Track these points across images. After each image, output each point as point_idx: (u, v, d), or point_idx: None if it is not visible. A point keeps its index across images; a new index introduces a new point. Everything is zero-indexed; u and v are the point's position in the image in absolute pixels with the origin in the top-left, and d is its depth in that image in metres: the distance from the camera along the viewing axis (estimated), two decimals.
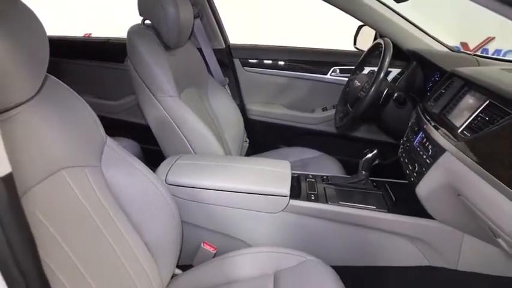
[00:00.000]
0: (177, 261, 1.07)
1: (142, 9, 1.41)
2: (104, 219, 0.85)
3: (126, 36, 1.40)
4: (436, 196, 1.05)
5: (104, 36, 2.18)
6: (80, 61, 2.16)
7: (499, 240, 0.85)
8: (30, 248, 0.43)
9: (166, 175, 1.20)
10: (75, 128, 0.86)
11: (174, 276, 1.08)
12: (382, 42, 1.44)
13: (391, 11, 1.63)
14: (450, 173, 0.96)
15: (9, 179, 0.42)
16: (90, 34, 3.15)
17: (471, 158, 0.86)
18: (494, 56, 1.68)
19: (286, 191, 1.16)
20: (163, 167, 1.25)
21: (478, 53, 1.75)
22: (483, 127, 0.89)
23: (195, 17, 1.69)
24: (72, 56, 2.13)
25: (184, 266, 1.14)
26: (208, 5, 1.81)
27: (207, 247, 1.22)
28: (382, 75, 1.34)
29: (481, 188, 0.82)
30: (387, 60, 1.35)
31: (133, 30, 1.39)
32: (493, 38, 3.65)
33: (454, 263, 1.15)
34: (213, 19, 1.87)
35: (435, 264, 1.17)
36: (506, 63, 1.42)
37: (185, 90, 1.50)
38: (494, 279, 1.15)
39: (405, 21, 1.65)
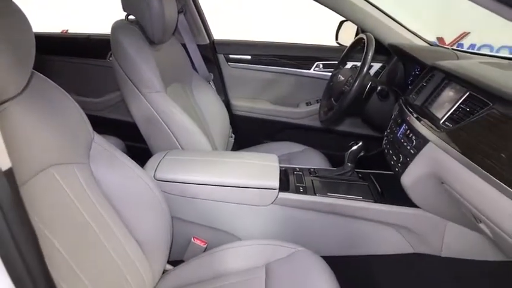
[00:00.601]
0: (168, 256, 1.07)
1: (126, 5, 1.39)
2: (94, 216, 0.84)
3: (107, 32, 1.38)
4: (421, 185, 1.09)
5: (83, 32, 2.14)
6: (61, 57, 2.12)
7: (481, 225, 0.89)
8: (34, 244, 0.43)
9: (155, 171, 1.20)
10: (63, 124, 0.85)
11: (165, 271, 1.08)
12: (365, 37, 1.47)
13: (372, 7, 1.67)
14: (434, 162, 1.00)
15: (10, 173, 0.42)
16: (67, 30, 3.08)
17: (453, 148, 0.90)
18: (471, 50, 1.74)
19: (275, 184, 1.18)
20: (151, 163, 1.25)
21: (454, 47, 1.80)
22: (464, 118, 0.93)
23: (178, 12, 1.68)
24: (53, 52, 2.09)
25: (175, 262, 1.14)
26: (191, 0, 1.80)
27: (198, 242, 1.22)
28: (365, 69, 1.37)
29: (463, 176, 0.86)
30: (370, 54, 1.38)
31: (117, 26, 1.37)
32: (468, 33, 3.76)
33: (438, 249, 1.20)
34: (197, 14, 1.87)
35: (420, 251, 1.21)
36: (484, 56, 1.47)
37: (170, 85, 1.49)
38: (476, 264, 1.20)
39: (386, 16, 1.69)
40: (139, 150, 1.55)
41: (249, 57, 2.07)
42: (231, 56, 2.06)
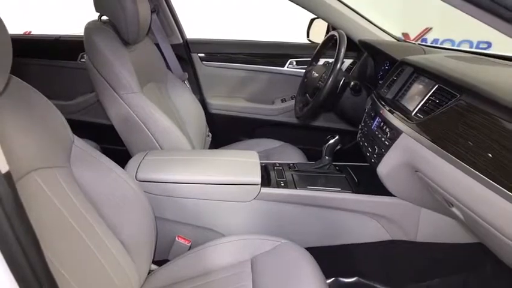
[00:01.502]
0: (153, 256, 1.07)
1: (99, 5, 1.37)
2: (78, 219, 0.84)
3: (76, 33, 1.36)
4: (396, 174, 1.14)
5: (51, 34, 2.08)
6: (28, 60, 2.05)
7: (454, 209, 0.95)
8: (36, 246, 0.44)
9: (136, 172, 1.20)
10: (43, 128, 0.84)
11: (150, 271, 1.08)
12: (337, 34, 1.51)
13: (342, 4, 1.72)
14: (407, 152, 1.05)
15: (9, 176, 0.43)
16: (30, 32, 2.99)
17: (425, 137, 0.95)
18: (436, 45, 1.82)
19: (257, 179, 1.20)
20: (132, 164, 1.24)
21: (419, 42, 1.88)
22: (434, 109, 0.99)
23: (151, 12, 1.67)
24: (20, 54, 2.01)
25: (160, 262, 1.15)
26: (164, 0, 1.80)
27: (182, 240, 1.23)
28: (338, 65, 1.42)
29: (435, 163, 0.91)
30: (342, 51, 1.42)
31: (90, 27, 1.35)
32: (431, 28, 3.92)
33: (413, 235, 1.26)
34: (169, 14, 1.86)
35: (396, 237, 1.27)
36: (449, 51, 1.55)
37: (146, 86, 1.48)
38: (449, 246, 1.27)
39: (355, 13, 1.75)
40: (115, 153, 1.53)
41: (223, 55, 2.08)
42: (205, 55, 2.07)
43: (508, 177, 0.71)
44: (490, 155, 0.76)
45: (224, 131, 2.14)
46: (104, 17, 1.41)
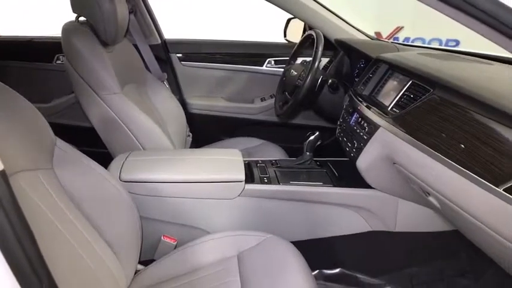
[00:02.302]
0: (139, 256, 1.07)
1: (76, 6, 1.36)
2: (64, 222, 0.83)
3: (51, 35, 1.34)
4: (375, 167, 1.19)
5: (24, 35, 2.04)
6: (1, 62, 2.00)
7: (430, 198, 1.00)
8: (34, 244, 0.44)
9: (120, 172, 1.20)
10: (24, 130, 0.83)
11: (137, 272, 1.08)
12: (314, 34, 1.55)
13: (318, 4, 1.76)
14: (385, 145, 1.10)
15: (4, 174, 0.43)
16: None
17: (401, 130, 1.00)
18: (409, 43, 1.89)
19: (241, 176, 1.22)
20: (114, 164, 1.24)
21: (391, 40, 1.95)
22: (409, 104, 1.04)
23: (129, 13, 1.66)
24: None
25: (146, 262, 1.15)
26: (141, 1, 1.79)
27: (167, 240, 1.23)
28: (316, 64, 1.46)
29: (412, 154, 0.96)
30: (320, 50, 1.47)
31: (68, 28, 1.34)
32: (402, 27, 4.04)
33: (392, 225, 1.31)
34: (147, 14, 1.86)
35: (376, 228, 1.32)
36: (420, 48, 1.62)
37: (125, 86, 1.48)
38: (426, 235, 1.33)
39: (331, 13, 1.79)
40: (93, 155, 1.52)
41: (201, 55, 2.09)
42: (183, 55, 2.07)
43: (480, 165, 0.76)
44: (463, 145, 0.81)
45: (204, 131, 2.14)
46: (82, 18, 1.40)
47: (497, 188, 0.71)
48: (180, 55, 2.06)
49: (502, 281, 1.25)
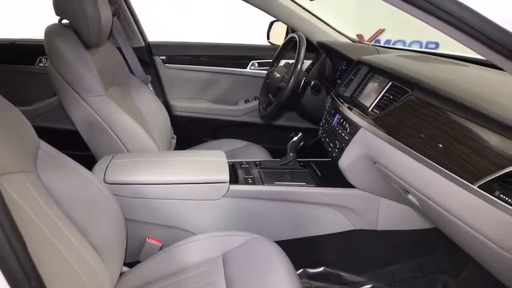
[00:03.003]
0: (124, 258, 1.07)
1: (59, 9, 1.35)
2: (48, 224, 0.83)
3: (33, 37, 1.33)
4: (356, 166, 1.22)
5: (6, 38, 2.00)
6: None
7: (410, 196, 1.03)
8: (24, 247, 0.45)
9: (104, 175, 1.19)
10: (7, 133, 0.83)
11: (122, 274, 1.08)
12: (296, 37, 1.58)
13: (300, 7, 1.79)
14: (366, 145, 1.13)
15: None
16: None
17: (382, 131, 1.03)
18: (389, 46, 1.94)
19: (226, 177, 1.23)
20: (99, 167, 1.23)
21: (372, 43, 2.00)
22: (389, 104, 1.07)
23: (112, 15, 1.65)
24: None
25: (131, 263, 1.14)
26: (124, 3, 1.79)
27: (153, 241, 1.23)
28: (299, 66, 1.49)
29: (392, 154, 0.99)
30: (302, 52, 1.50)
31: (52, 31, 1.33)
32: (384, 29, 4.12)
33: (374, 224, 1.34)
34: (131, 17, 1.85)
35: (359, 227, 1.35)
36: (400, 51, 1.66)
37: (109, 89, 1.47)
38: (407, 233, 1.37)
39: (313, 16, 1.83)
40: (76, 158, 1.51)
41: (185, 58, 2.09)
42: (167, 57, 2.07)
43: (457, 164, 0.79)
44: (441, 145, 0.84)
45: (189, 133, 2.14)
46: (65, 21, 1.39)
47: (472, 185, 0.74)
48: (163, 57, 2.07)
49: (480, 277, 1.29)
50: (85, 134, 1.41)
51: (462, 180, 0.77)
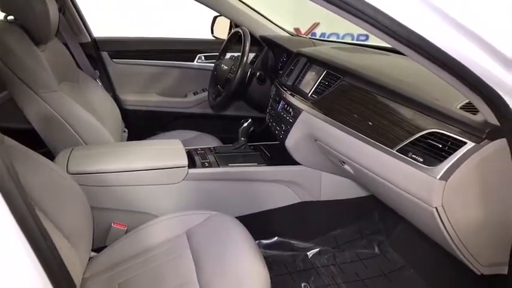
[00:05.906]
0: (92, 244, 1.11)
1: (5, 6, 1.35)
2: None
3: None
4: (300, 145, 1.39)
5: None
6: None
7: (345, 166, 1.22)
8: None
9: (67, 166, 1.23)
10: None
11: (90, 259, 1.11)
12: (241, 31, 1.70)
13: (242, 3, 1.91)
14: (308, 125, 1.29)
15: None
16: None
17: (320, 112, 1.20)
18: (324, 38, 2.13)
19: (185, 162, 1.33)
20: (60, 159, 1.27)
21: (309, 36, 2.18)
22: (325, 90, 1.24)
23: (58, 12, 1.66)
24: None
25: (99, 249, 1.17)
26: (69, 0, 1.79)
27: (118, 226, 1.29)
28: (245, 58, 1.61)
29: (329, 131, 1.16)
30: (248, 45, 1.63)
31: None
32: (319, 23, 4.36)
33: (318, 195, 1.52)
34: (76, 13, 1.85)
35: (304, 199, 1.52)
36: (334, 43, 1.86)
37: (61, 84, 1.49)
38: (346, 201, 1.57)
39: (254, 11, 1.96)
40: None
41: (132, 52, 2.13)
42: (114, 52, 2.09)
43: (381, 135, 0.97)
44: (370, 122, 1.02)
45: (140, 126, 2.17)
46: (10, 17, 1.38)
47: (392, 150, 0.93)
48: (110, 53, 2.08)
49: (408, 234, 1.52)
50: (41, 130, 1.42)
51: (385, 146, 0.95)
